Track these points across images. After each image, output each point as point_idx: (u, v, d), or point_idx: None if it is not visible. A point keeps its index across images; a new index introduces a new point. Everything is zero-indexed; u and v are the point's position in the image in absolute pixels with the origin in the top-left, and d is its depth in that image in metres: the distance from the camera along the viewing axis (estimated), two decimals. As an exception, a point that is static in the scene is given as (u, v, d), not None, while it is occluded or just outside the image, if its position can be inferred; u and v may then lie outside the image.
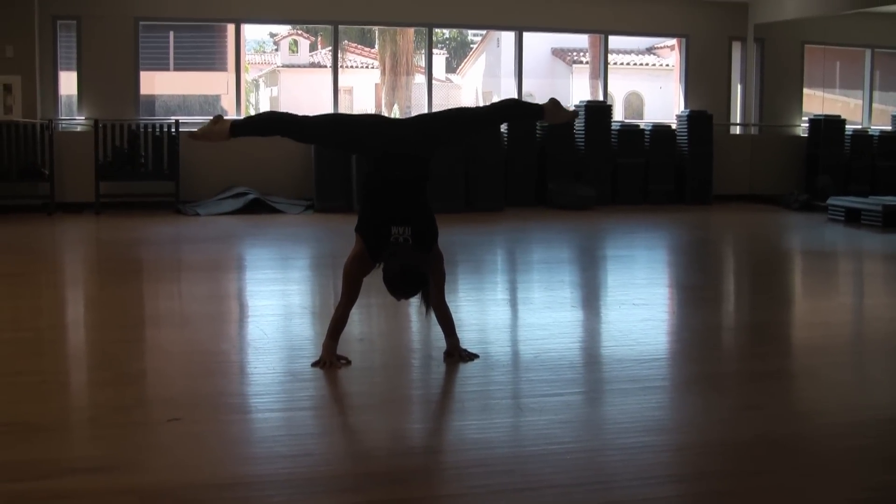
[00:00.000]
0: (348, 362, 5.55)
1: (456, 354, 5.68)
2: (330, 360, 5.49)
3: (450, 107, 6.26)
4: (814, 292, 9.17)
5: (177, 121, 14.02)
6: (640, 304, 7.73)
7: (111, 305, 7.62)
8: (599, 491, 3.90)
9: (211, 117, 5.88)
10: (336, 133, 5.82)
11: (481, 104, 21.29)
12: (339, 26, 15.80)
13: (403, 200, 5.47)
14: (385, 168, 5.52)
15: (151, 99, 15.44)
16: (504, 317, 7.49)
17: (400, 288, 5.28)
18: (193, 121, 15.11)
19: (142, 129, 13.89)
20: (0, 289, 8.28)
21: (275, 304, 7.68)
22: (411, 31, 18.68)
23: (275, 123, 6.05)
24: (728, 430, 4.62)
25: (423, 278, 5.30)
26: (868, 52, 17.96)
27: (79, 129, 14.22)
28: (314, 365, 5.49)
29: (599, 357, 6.22)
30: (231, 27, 15.50)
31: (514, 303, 8.17)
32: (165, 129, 13.92)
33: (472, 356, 5.70)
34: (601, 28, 16.61)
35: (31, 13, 13.52)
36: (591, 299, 8.37)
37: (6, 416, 4.68)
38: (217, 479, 3.93)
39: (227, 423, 4.65)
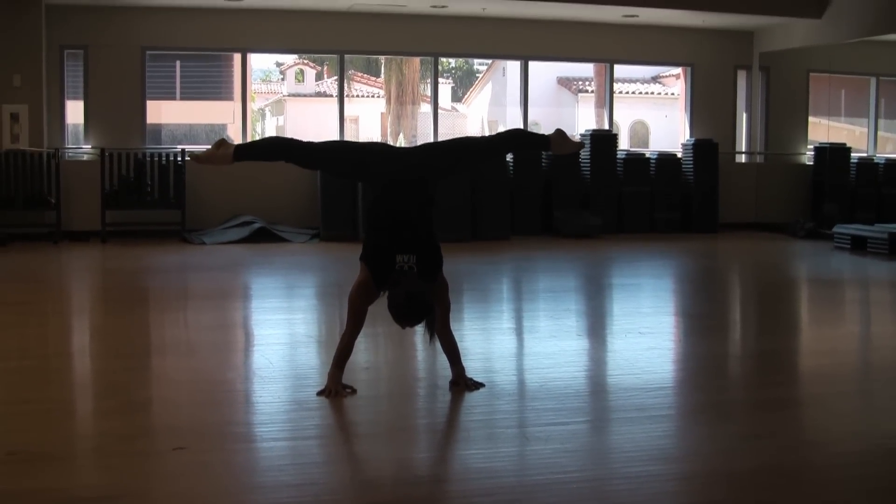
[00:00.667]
0: (354, 391, 5.54)
1: (462, 383, 5.67)
2: (335, 388, 5.48)
3: (456, 136, 6.25)
4: (820, 320, 9.15)
5: (183, 150, 14.06)
6: (647, 333, 7.71)
7: (117, 334, 7.62)
8: (606, 521, 3.90)
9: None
10: (341, 160, 5.83)
11: (487, 133, 21.42)
12: (345, 56, 15.86)
13: (408, 228, 5.48)
14: (390, 196, 5.53)
15: (158, 128, 15.49)
16: (510, 345, 7.48)
17: (405, 316, 5.28)
18: (200, 149, 15.16)
19: (148, 158, 13.92)
20: (6, 317, 8.28)
21: (280, 333, 7.68)
22: (417, 60, 18.73)
23: (279, 148, 6.04)
24: (734, 459, 4.60)
25: (427, 306, 5.30)
26: (873, 81, 17.97)
27: (85, 157, 14.25)
28: (319, 394, 5.48)
29: (605, 386, 6.21)
30: (237, 57, 15.56)
31: (519, 331, 8.16)
32: (171, 158, 13.95)
33: (477, 385, 5.69)
34: (607, 57, 16.65)
35: (38, 42, 13.58)
36: (597, 328, 8.36)
37: (12, 444, 4.67)
38: (222, 509, 3.93)
39: (233, 452, 4.64)
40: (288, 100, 22.69)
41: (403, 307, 5.25)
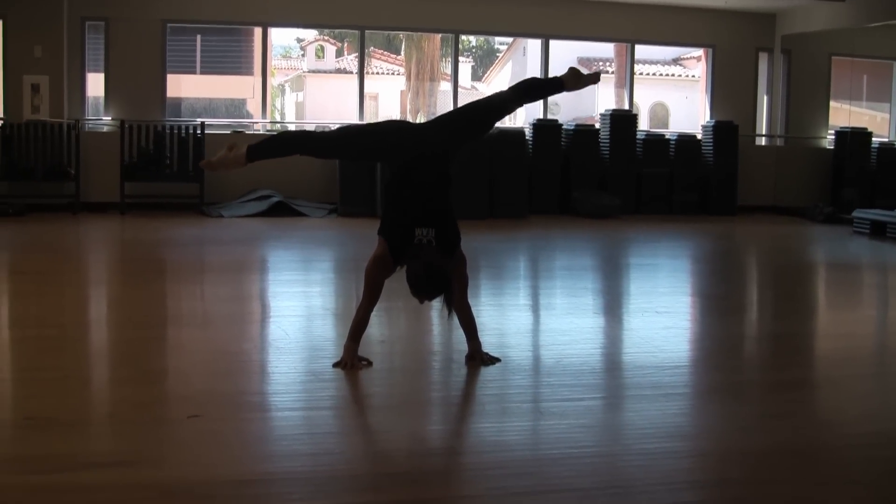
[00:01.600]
0: (369, 363, 5.55)
1: (478, 358, 5.67)
2: (351, 361, 5.49)
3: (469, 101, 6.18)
4: (838, 304, 9.12)
5: (202, 122, 14.07)
6: (663, 312, 7.69)
7: (134, 304, 7.64)
8: (619, 495, 3.89)
9: (227, 142, 5.85)
10: (356, 145, 5.80)
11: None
12: (366, 32, 15.83)
13: (427, 203, 5.48)
14: (409, 170, 5.52)
15: (177, 101, 15.50)
16: (525, 322, 7.47)
17: (423, 289, 5.28)
18: (219, 123, 15.20)
19: (167, 131, 13.94)
20: (25, 286, 8.33)
21: (297, 306, 7.69)
22: (437, 37, 18.69)
23: (293, 143, 6.01)
24: (750, 438, 4.59)
25: (446, 279, 5.29)
26: (896, 66, 17.89)
27: (105, 129, 14.29)
28: (335, 366, 5.49)
29: (621, 363, 6.20)
30: (258, 31, 15.56)
31: (535, 308, 8.15)
32: (191, 131, 13.96)
33: (493, 360, 5.69)
34: (628, 37, 16.59)
35: (59, 14, 13.60)
36: (613, 306, 8.34)
37: (28, 410, 4.71)
38: (236, 476, 3.93)
39: (248, 421, 4.66)
40: (308, 76, 22.66)
41: (422, 279, 5.24)
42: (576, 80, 5.92)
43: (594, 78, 6.03)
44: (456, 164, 5.69)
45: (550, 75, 15.94)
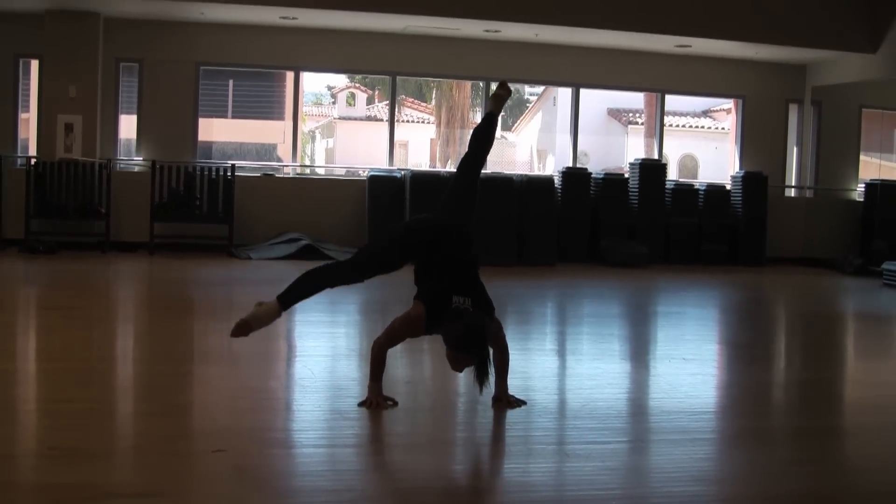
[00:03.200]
0: (395, 403, 5.54)
1: (504, 400, 5.64)
2: (376, 400, 5.48)
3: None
4: (867, 353, 9.04)
5: (233, 165, 14.16)
6: (690, 359, 7.66)
7: (161, 340, 7.66)
8: (644, 537, 3.86)
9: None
10: (380, 263, 5.84)
11: (535, 163, 21.43)
12: (397, 79, 15.92)
13: (460, 274, 5.55)
14: (436, 253, 5.60)
15: (209, 145, 15.60)
16: (552, 366, 7.44)
17: (463, 346, 5.21)
18: (250, 165, 15.30)
19: (198, 172, 14.02)
20: (53, 321, 8.37)
21: (322, 346, 7.70)
22: (468, 85, 18.79)
23: (319, 282, 5.90)
24: (777, 483, 4.54)
25: (484, 339, 5.27)
26: (927, 119, 17.82)
27: (136, 169, 14.40)
28: (361, 405, 5.48)
29: (647, 408, 6.17)
30: (290, 76, 15.68)
31: (562, 353, 8.13)
32: (221, 173, 14.04)
33: (519, 402, 5.67)
34: (658, 87, 16.62)
35: (95, 54, 13.75)
36: (640, 353, 8.30)
37: (53, 440, 4.71)
38: (259, 510, 3.93)
39: (271, 457, 4.65)
40: (338, 122, 22.80)
41: (462, 339, 5.20)
42: (495, 100, 6.23)
43: (504, 92, 6.28)
44: (476, 243, 5.73)
45: (578, 122, 16.00)
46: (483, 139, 6.15)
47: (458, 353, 5.24)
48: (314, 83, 23.76)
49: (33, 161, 13.51)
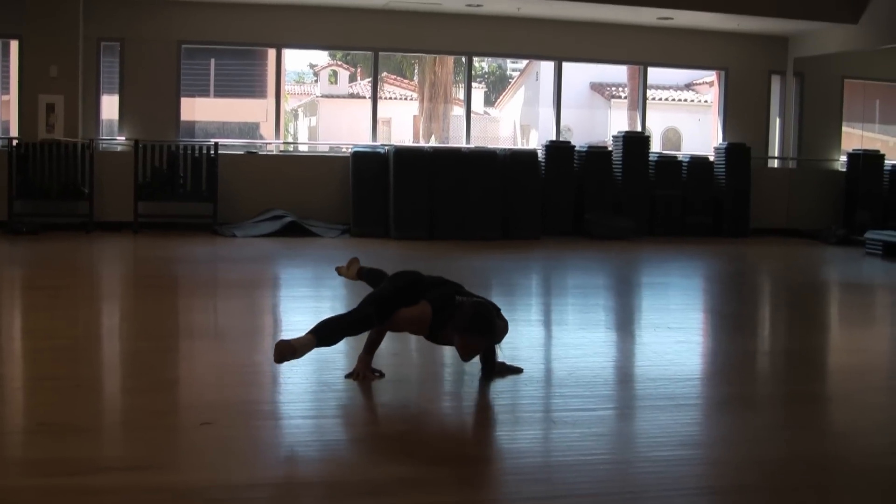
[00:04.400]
0: (382, 375, 5.56)
1: (503, 370, 5.71)
2: (364, 372, 5.50)
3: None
4: (851, 321, 9.10)
5: (216, 143, 14.11)
6: (675, 328, 7.70)
7: (146, 318, 7.65)
8: (632, 500, 3.89)
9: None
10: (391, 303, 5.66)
11: (519, 138, 21.44)
12: (379, 55, 15.87)
13: (459, 286, 5.70)
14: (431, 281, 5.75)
15: (191, 125, 15.55)
16: (538, 336, 7.46)
17: (474, 328, 5.21)
18: (232, 143, 15.26)
19: (181, 151, 13.98)
20: (38, 300, 8.36)
21: (308, 320, 7.60)
22: (450, 60, 18.75)
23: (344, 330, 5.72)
24: (763, 447, 4.57)
25: (493, 322, 5.29)
26: (909, 88, 17.87)
27: (119, 149, 14.34)
28: (348, 377, 5.50)
29: (633, 375, 6.20)
30: (272, 54, 15.61)
31: (548, 324, 8.15)
32: (204, 151, 14.01)
33: (514, 370, 5.72)
34: (640, 59, 16.61)
35: (75, 34, 13.67)
36: (625, 322, 8.34)
37: (42, 416, 4.73)
38: (248, 480, 3.95)
39: (259, 429, 4.66)
40: (321, 100, 22.74)
41: (473, 318, 5.22)
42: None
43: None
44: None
45: (561, 96, 15.99)
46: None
47: (469, 336, 5.22)
48: (296, 62, 23.77)
49: (15, 142, 13.45)
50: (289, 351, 5.24)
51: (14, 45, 14.21)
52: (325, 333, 5.47)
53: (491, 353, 5.56)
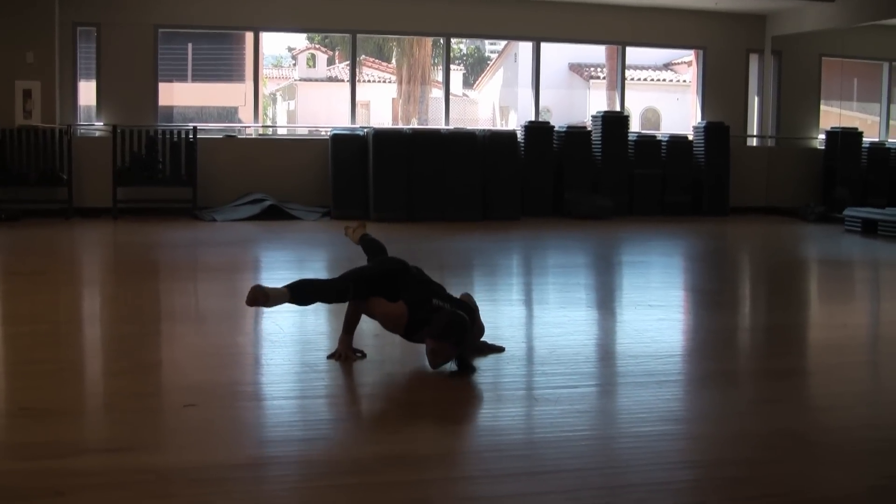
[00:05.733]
0: (363, 355, 5.57)
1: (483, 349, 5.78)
2: (345, 352, 5.51)
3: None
4: (831, 297, 9.16)
5: (194, 127, 14.07)
6: (656, 306, 7.74)
7: (128, 302, 7.64)
8: (614, 475, 3.91)
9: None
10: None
11: (498, 119, 21.42)
12: (357, 37, 15.82)
13: (437, 287, 5.68)
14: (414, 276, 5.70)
15: (169, 110, 15.47)
16: (519, 315, 7.49)
17: (447, 334, 5.20)
18: (211, 127, 15.20)
19: (160, 136, 13.93)
20: (19, 285, 8.33)
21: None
22: (429, 41, 18.70)
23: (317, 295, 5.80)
24: (745, 421, 4.61)
25: (467, 332, 5.30)
26: (886, 66, 17.92)
27: (97, 134, 14.28)
28: (330, 357, 5.51)
29: (615, 353, 6.23)
30: (249, 37, 15.54)
31: (529, 303, 8.17)
32: (183, 136, 13.96)
33: (496, 349, 5.80)
34: (619, 39, 16.62)
35: (51, 19, 13.59)
36: (606, 300, 8.36)
37: (24, 400, 4.72)
38: (232, 460, 3.95)
39: (243, 410, 4.67)
40: (299, 84, 22.65)
41: (448, 325, 5.23)
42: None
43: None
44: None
45: (540, 77, 15.99)
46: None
47: (441, 341, 5.20)
48: (274, 46, 23.55)
49: (-8, 128, 13.39)
50: (262, 297, 5.29)
51: (-11, 31, 14.13)
52: (299, 292, 5.49)
53: (464, 356, 5.43)
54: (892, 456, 4.20)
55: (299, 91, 22.60)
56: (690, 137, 16.33)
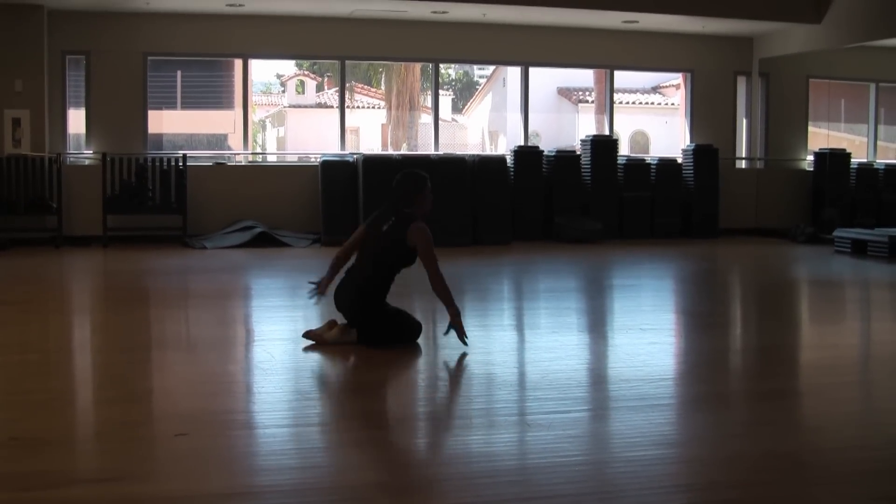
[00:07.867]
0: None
1: (458, 329, 6.37)
2: (323, 289, 6.72)
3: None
4: (821, 318, 9.17)
5: (184, 154, 14.07)
6: (647, 329, 7.73)
7: (118, 330, 7.62)
8: (608, 500, 3.90)
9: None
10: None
11: (487, 144, 21.47)
12: (346, 63, 15.84)
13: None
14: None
15: (159, 137, 15.46)
16: (511, 340, 7.47)
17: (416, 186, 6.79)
18: (201, 154, 15.21)
19: (149, 164, 13.93)
20: (9, 315, 8.28)
21: (281, 329, 7.68)
22: (418, 67, 18.76)
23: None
24: (737, 444, 4.61)
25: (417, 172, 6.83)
26: (873, 87, 18.00)
27: (87, 162, 14.28)
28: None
29: (606, 377, 6.21)
30: (238, 64, 15.56)
31: (520, 328, 8.16)
32: (173, 163, 13.96)
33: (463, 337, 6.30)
34: (607, 63, 16.68)
35: (40, 48, 13.61)
36: (597, 324, 8.36)
37: (14, 430, 4.68)
38: (225, 489, 3.93)
39: (235, 438, 4.65)
40: (289, 111, 22.68)
41: (401, 179, 6.80)
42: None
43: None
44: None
45: (529, 101, 16.03)
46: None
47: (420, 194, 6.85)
48: (263, 72, 23.66)
49: (-19, 158, 13.38)
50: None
51: (-22, 60, 14.13)
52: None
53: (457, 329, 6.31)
54: (884, 476, 4.19)
55: (288, 117, 22.63)
56: (679, 160, 16.38)
